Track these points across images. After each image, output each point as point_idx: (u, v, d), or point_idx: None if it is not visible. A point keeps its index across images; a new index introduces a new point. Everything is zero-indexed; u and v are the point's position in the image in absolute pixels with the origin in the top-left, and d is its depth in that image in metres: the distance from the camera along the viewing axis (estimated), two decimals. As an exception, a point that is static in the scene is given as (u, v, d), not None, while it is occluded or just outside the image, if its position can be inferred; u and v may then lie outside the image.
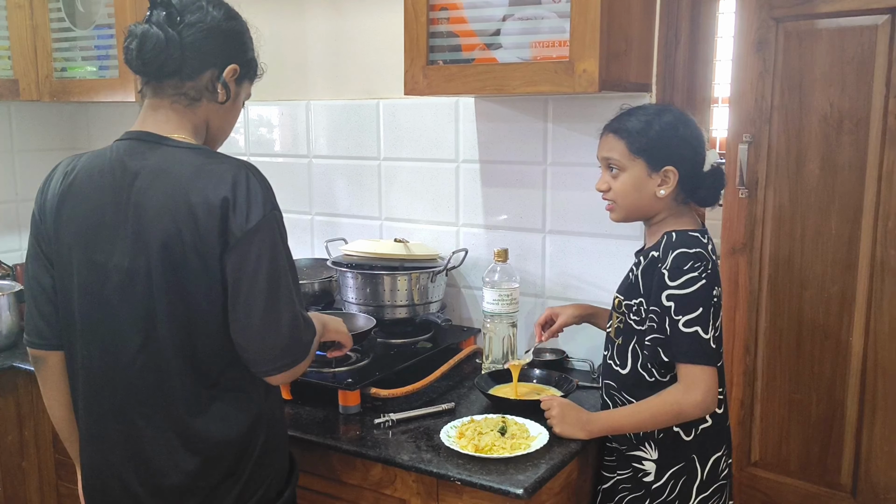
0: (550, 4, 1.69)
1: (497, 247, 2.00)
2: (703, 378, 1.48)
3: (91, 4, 2.39)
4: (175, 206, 1.25)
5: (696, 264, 1.48)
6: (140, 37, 1.31)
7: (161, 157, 1.31)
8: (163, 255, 1.26)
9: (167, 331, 1.29)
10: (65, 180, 1.37)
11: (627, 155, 1.54)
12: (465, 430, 1.61)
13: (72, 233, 1.35)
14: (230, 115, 1.44)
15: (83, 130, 2.94)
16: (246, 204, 1.25)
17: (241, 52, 1.39)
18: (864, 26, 1.84)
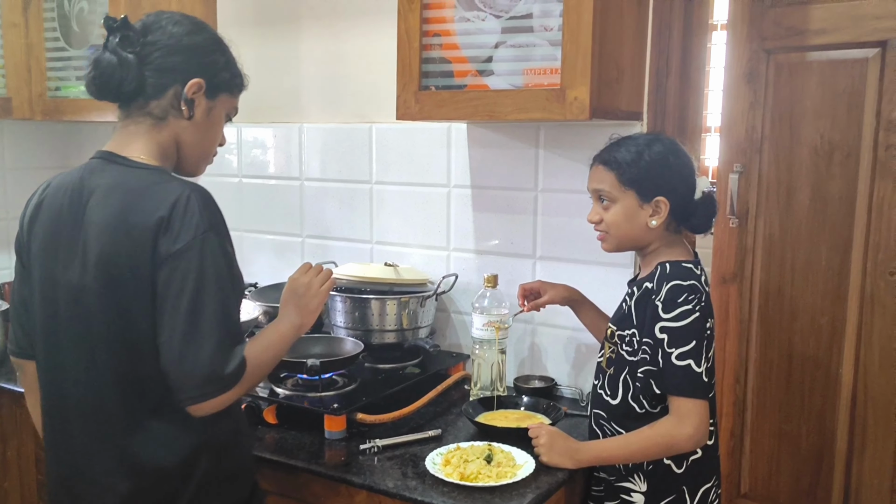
0: (542, 32, 1.70)
1: (487, 272, 1.99)
2: (694, 411, 1.47)
3: (86, 24, 2.39)
4: (115, 224, 1.27)
5: (691, 297, 1.47)
6: (93, 63, 1.35)
7: (114, 176, 1.33)
8: (100, 273, 1.27)
9: (107, 349, 1.30)
10: (39, 197, 1.42)
11: (618, 186, 1.54)
12: (451, 458, 1.59)
13: (37, 247, 1.39)
14: (205, 131, 1.42)
15: (75, 149, 2.93)
16: (179, 224, 1.24)
17: (205, 66, 1.38)
18: (854, 59, 1.85)
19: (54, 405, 1.40)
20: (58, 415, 1.39)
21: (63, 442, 1.39)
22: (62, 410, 1.37)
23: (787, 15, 1.91)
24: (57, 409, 1.39)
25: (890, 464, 1.90)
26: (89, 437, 1.34)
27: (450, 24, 1.80)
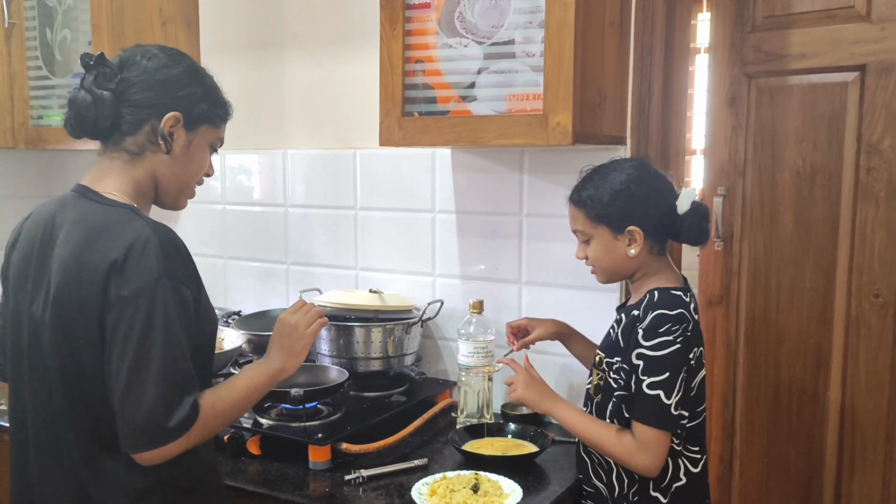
0: (524, 58, 1.70)
1: (473, 298, 1.98)
2: (655, 442, 1.46)
3: (69, 53, 2.39)
4: (71, 262, 1.25)
5: (674, 327, 1.46)
6: (69, 102, 1.34)
7: (80, 212, 1.32)
8: (56, 310, 1.26)
9: (61, 386, 1.29)
10: (19, 227, 1.43)
11: (589, 224, 1.56)
12: (437, 488, 1.57)
13: (11, 276, 1.39)
14: (185, 164, 1.40)
15: (59, 178, 2.92)
16: (133, 269, 1.21)
17: (181, 100, 1.36)
18: (834, 83, 1.87)
19: (16, 435, 1.40)
20: (18, 445, 1.39)
21: (23, 472, 1.38)
22: (22, 441, 1.37)
23: (767, 40, 1.92)
24: (17, 439, 1.39)
25: (879, 487, 1.89)
26: (44, 472, 1.33)
27: (432, 50, 1.80)
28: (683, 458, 1.52)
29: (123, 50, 1.38)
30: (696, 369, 1.50)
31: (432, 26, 1.80)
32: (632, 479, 1.53)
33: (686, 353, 1.46)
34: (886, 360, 1.85)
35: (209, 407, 1.28)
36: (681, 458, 1.52)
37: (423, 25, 1.81)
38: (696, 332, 1.50)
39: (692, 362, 1.48)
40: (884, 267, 1.83)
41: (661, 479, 1.51)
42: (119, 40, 2.29)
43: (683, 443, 1.52)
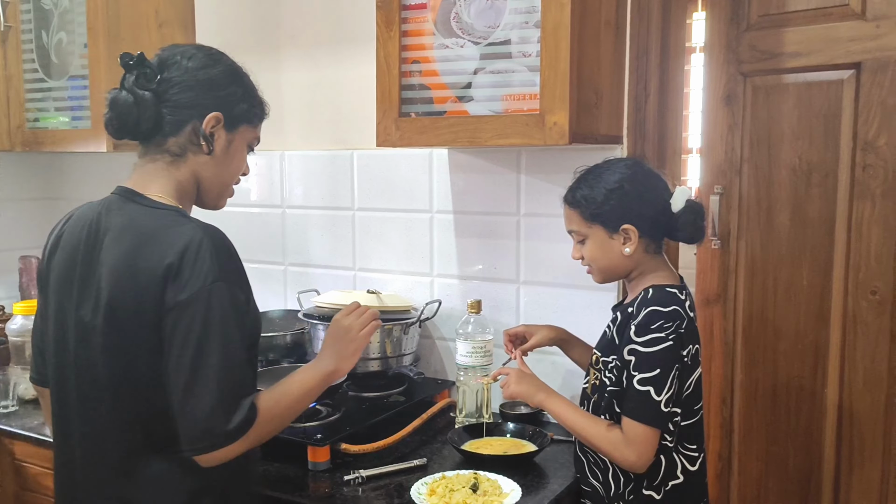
0: (521, 58, 1.71)
1: (471, 298, 1.99)
2: (643, 439, 1.47)
3: (65, 55, 2.39)
4: (124, 267, 1.25)
5: (666, 324, 1.46)
6: (110, 103, 1.33)
7: (128, 216, 1.31)
8: (108, 314, 1.26)
9: (109, 390, 1.28)
10: (60, 230, 1.40)
11: (584, 224, 1.57)
12: (437, 487, 1.57)
13: (53, 280, 1.37)
14: (226, 164, 1.40)
15: (56, 181, 2.92)
16: (188, 273, 1.21)
17: (222, 100, 1.36)
18: (830, 81, 1.87)
19: (60, 438, 1.39)
20: (62, 448, 1.38)
21: (68, 475, 1.37)
22: (66, 444, 1.37)
23: (762, 38, 1.93)
24: (63, 444, 1.38)
25: (877, 483, 1.89)
26: (90, 475, 1.32)
27: (429, 50, 1.80)
28: (681, 455, 1.53)
29: (162, 49, 1.37)
30: (692, 367, 1.51)
31: (429, 27, 1.80)
32: (627, 478, 1.53)
33: (678, 350, 1.47)
34: (884, 357, 1.86)
35: (266, 409, 1.28)
36: (678, 456, 1.52)
37: (419, 26, 1.81)
38: (691, 329, 1.50)
39: (686, 360, 1.49)
40: (880, 264, 1.84)
41: (655, 476, 1.51)
42: (115, 43, 2.29)
43: (681, 440, 1.52)
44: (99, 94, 2.28)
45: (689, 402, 1.52)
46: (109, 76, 2.28)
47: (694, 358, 1.51)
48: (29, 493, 2.04)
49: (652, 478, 1.51)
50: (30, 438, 1.99)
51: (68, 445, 1.37)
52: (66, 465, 1.38)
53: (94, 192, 2.81)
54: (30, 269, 2.69)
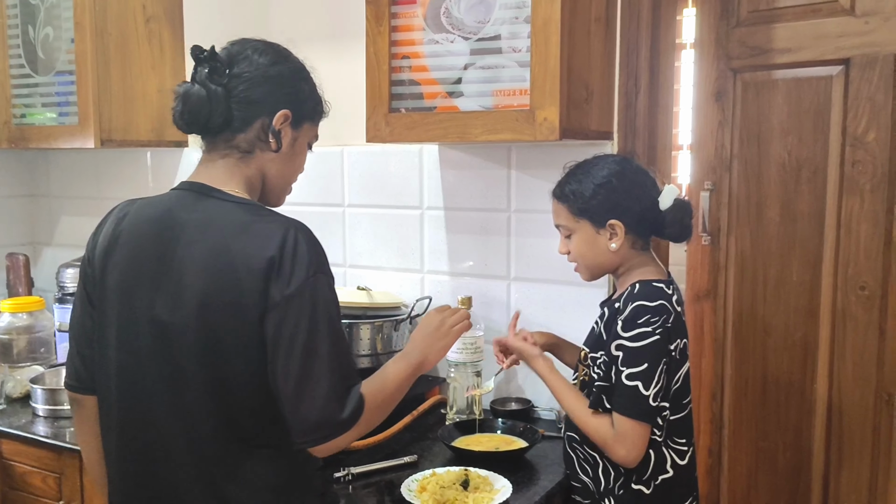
0: (511, 54, 1.70)
1: (461, 294, 1.98)
2: (632, 434, 1.47)
3: (52, 51, 2.37)
4: (217, 264, 1.21)
5: (653, 318, 1.46)
6: (182, 96, 1.30)
7: (208, 211, 1.27)
8: (200, 313, 1.21)
9: (199, 390, 1.23)
10: (117, 226, 1.33)
11: (571, 218, 1.57)
12: (427, 484, 1.56)
13: (115, 280, 1.31)
14: (290, 162, 1.39)
15: (42, 177, 2.90)
16: (290, 266, 1.19)
17: (291, 96, 1.35)
18: (819, 77, 1.88)
19: (135, 443, 1.31)
20: (140, 455, 1.31)
21: (145, 482, 1.31)
22: (146, 450, 1.30)
23: (752, 34, 1.93)
24: (139, 448, 1.31)
25: (867, 478, 1.90)
26: (178, 474, 1.27)
27: (419, 46, 1.80)
28: (670, 450, 1.53)
29: (230, 43, 1.35)
30: (680, 361, 1.51)
31: (418, 22, 1.79)
32: (617, 473, 1.54)
33: (665, 344, 1.47)
34: (872, 353, 1.86)
35: (371, 397, 1.27)
36: (667, 451, 1.53)
37: (409, 21, 1.81)
38: (678, 324, 1.50)
39: (674, 354, 1.49)
40: (869, 259, 1.85)
41: (645, 471, 1.51)
42: (102, 38, 2.28)
43: (670, 435, 1.52)
44: (86, 89, 2.27)
45: (677, 396, 1.52)
46: (96, 71, 2.27)
47: (682, 352, 1.51)
48: (16, 492, 2.02)
49: (641, 472, 1.51)
50: (17, 437, 1.97)
51: (145, 451, 1.30)
52: (142, 474, 1.31)
53: (81, 189, 2.81)
54: (17, 266, 2.67)
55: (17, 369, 2.26)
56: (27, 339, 2.35)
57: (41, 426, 2.00)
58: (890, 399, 1.86)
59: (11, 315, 2.34)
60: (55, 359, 2.39)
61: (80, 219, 2.83)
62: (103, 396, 1.35)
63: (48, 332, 2.40)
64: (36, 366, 2.30)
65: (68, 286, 2.49)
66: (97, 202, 2.77)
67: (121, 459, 1.34)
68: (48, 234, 2.92)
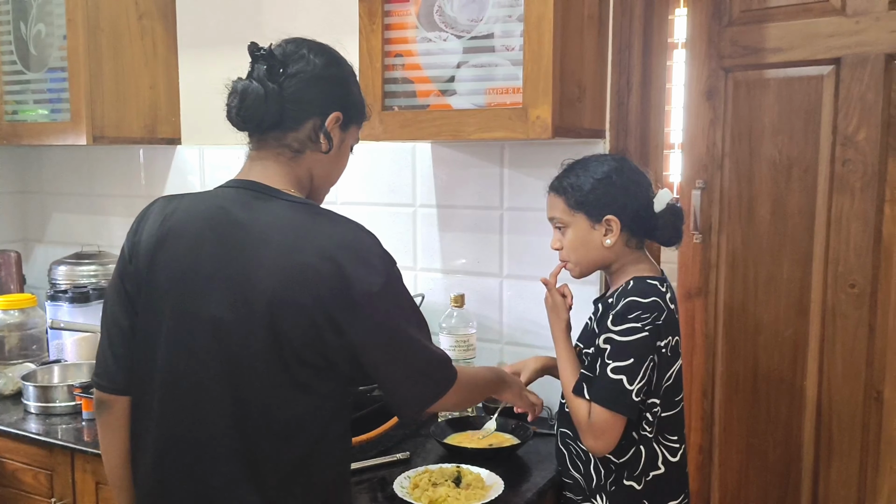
0: (504, 52, 1.71)
1: (454, 292, 1.99)
2: (609, 426, 1.48)
3: (44, 47, 2.36)
4: (289, 265, 1.19)
5: (644, 315, 1.47)
6: (241, 93, 1.29)
7: (271, 212, 1.25)
8: (270, 312, 1.19)
9: (259, 391, 1.22)
10: (164, 223, 1.30)
11: (567, 211, 1.58)
12: (420, 481, 1.57)
13: (166, 278, 1.27)
14: (336, 163, 1.39)
15: (34, 173, 2.89)
16: (366, 266, 1.21)
17: (343, 98, 1.35)
18: (810, 76, 1.89)
19: (178, 446, 1.28)
20: (184, 458, 1.27)
21: (188, 486, 1.27)
22: (190, 453, 1.26)
23: (743, 34, 1.94)
24: (183, 451, 1.27)
25: (856, 474, 1.92)
26: (225, 481, 1.24)
27: (412, 44, 1.80)
28: (661, 446, 1.54)
29: (285, 42, 1.34)
30: (672, 358, 1.52)
31: (412, 20, 1.80)
32: (608, 469, 1.54)
33: (654, 341, 1.47)
34: (862, 350, 1.88)
35: (462, 375, 1.36)
36: (659, 447, 1.53)
37: (402, 19, 1.81)
38: (671, 321, 1.51)
39: (664, 351, 1.49)
40: (859, 257, 1.86)
41: (635, 467, 1.52)
42: (95, 35, 2.27)
43: (662, 431, 1.53)
44: (78, 86, 2.27)
45: (669, 393, 1.53)
46: (88, 68, 2.26)
47: (674, 349, 1.52)
48: (7, 489, 2.02)
49: (633, 468, 1.52)
50: (9, 434, 1.96)
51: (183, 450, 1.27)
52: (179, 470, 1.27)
53: (73, 186, 2.80)
54: (8, 263, 2.67)
55: (9, 366, 2.26)
56: (19, 336, 2.34)
57: (32, 423, 2.00)
58: (879, 396, 1.88)
59: (3, 312, 2.33)
60: (47, 356, 2.38)
61: (72, 216, 2.82)
62: (141, 396, 1.32)
63: (40, 330, 2.39)
64: (27, 363, 2.29)
65: (60, 283, 2.49)
66: (89, 199, 2.77)
67: (159, 464, 1.30)
68: (40, 231, 2.91)
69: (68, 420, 2.01)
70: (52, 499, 1.92)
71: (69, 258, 2.56)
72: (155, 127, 2.45)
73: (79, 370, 2.23)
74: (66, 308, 2.34)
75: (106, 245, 2.68)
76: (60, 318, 2.34)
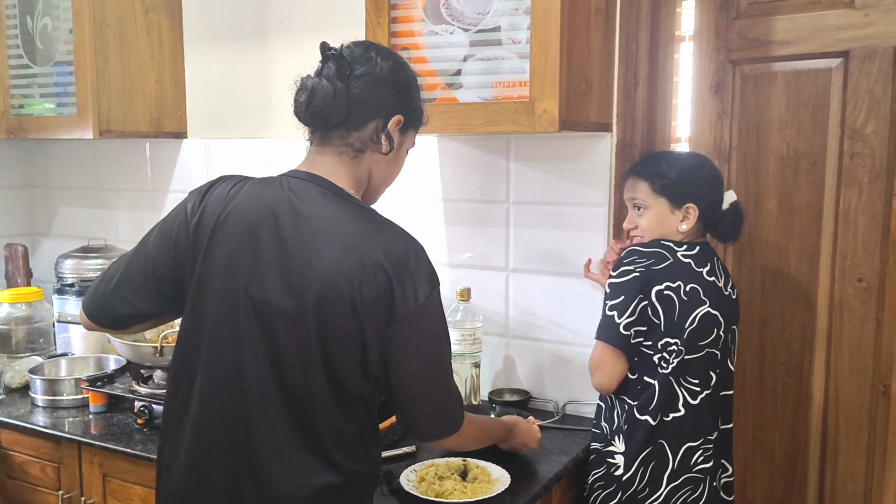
0: (511, 45, 1.70)
1: (460, 286, 1.99)
2: (603, 358, 1.65)
3: (50, 41, 2.36)
4: (344, 261, 1.23)
5: (639, 259, 1.62)
6: (311, 90, 1.32)
7: (333, 209, 1.29)
8: (317, 304, 1.23)
9: (300, 376, 1.25)
10: (228, 200, 1.34)
11: (651, 195, 1.69)
12: (426, 474, 1.57)
13: (222, 254, 1.31)
14: (393, 165, 1.42)
15: (41, 167, 2.89)
16: (415, 280, 1.25)
17: (406, 102, 1.38)
18: (818, 69, 1.88)
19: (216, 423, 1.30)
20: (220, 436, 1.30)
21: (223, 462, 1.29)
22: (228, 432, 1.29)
23: (751, 27, 1.93)
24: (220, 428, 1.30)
25: (862, 469, 1.91)
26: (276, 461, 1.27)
27: (418, 37, 1.80)
28: (683, 388, 1.62)
29: (354, 44, 1.37)
30: (692, 304, 1.61)
31: (418, 13, 1.79)
32: (622, 408, 1.65)
33: (647, 281, 1.60)
34: (869, 344, 1.87)
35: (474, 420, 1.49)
36: (680, 389, 1.62)
37: (408, 12, 1.80)
38: (680, 269, 1.62)
39: (669, 293, 1.60)
40: (867, 251, 1.85)
41: (648, 402, 1.62)
42: (101, 28, 2.27)
43: (684, 374, 1.62)
44: (84, 80, 2.27)
45: (693, 337, 1.61)
46: (95, 62, 2.26)
47: (690, 295, 1.61)
48: (14, 481, 2.03)
49: (646, 403, 1.62)
50: (16, 427, 1.98)
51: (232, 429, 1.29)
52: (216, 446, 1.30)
53: (79, 180, 2.81)
54: (15, 256, 2.67)
55: (16, 359, 2.27)
56: (26, 329, 2.35)
57: (40, 416, 2.01)
58: (886, 390, 1.87)
59: (10, 306, 2.34)
60: (54, 349, 2.39)
61: (78, 209, 2.83)
62: (187, 371, 1.33)
63: (47, 323, 2.40)
64: (35, 356, 2.30)
65: (67, 277, 2.49)
66: (96, 193, 2.77)
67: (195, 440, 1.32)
68: (47, 225, 2.91)
69: (75, 413, 2.02)
70: (60, 491, 1.93)
71: (76, 252, 2.57)
72: (161, 121, 2.45)
73: (86, 363, 2.24)
74: (72, 301, 2.34)
75: (112, 238, 2.69)
76: (67, 311, 2.35)
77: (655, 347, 1.62)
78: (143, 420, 1.90)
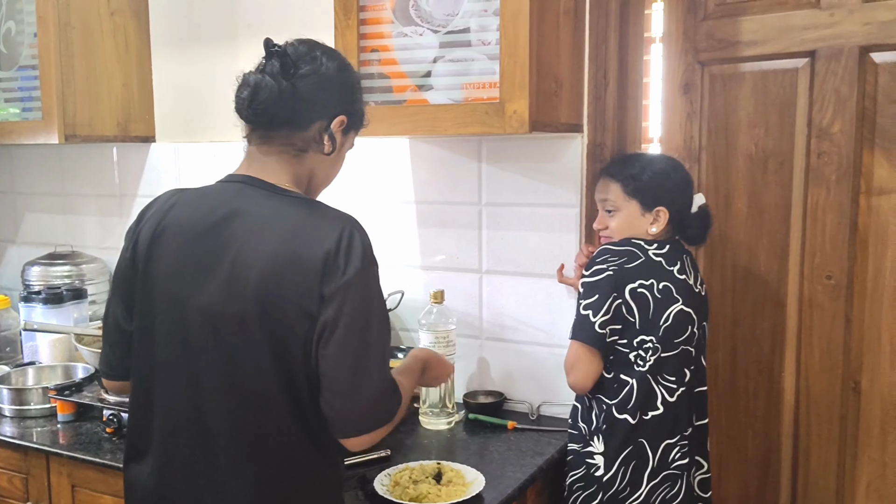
0: (480, 46, 1.70)
1: (433, 288, 1.98)
2: (578, 357, 1.64)
3: (14, 45, 2.32)
4: (280, 256, 1.22)
5: (611, 258, 1.63)
6: (253, 86, 1.30)
7: (271, 206, 1.28)
8: (258, 302, 1.22)
9: (255, 379, 1.24)
10: (163, 217, 1.33)
11: (622, 197, 1.71)
12: (400, 478, 1.56)
13: (162, 268, 1.30)
14: (334, 165, 1.41)
15: (6, 172, 2.84)
16: (344, 259, 1.22)
17: (350, 104, 1.37)
18: (785, 69, 1.90)
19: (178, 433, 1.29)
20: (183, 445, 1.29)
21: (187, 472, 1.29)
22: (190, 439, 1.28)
23: (719, 27, 1.94)
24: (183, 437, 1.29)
25: (834, 465, 1.93)
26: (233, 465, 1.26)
27: (387, 39, 1.79)
28: (661, 386, 1.63)
29: (298, 42, 1.35)
30: (666, 301, 1.62)
31: (387, 15, 1.78)
32: (600, 408, 1.65)
33: (621, 280, 1.61)
34: (839, 341, 1.89)
35: (403, 392, 1.32)
36: (657, 387, 1.63)
37: (377, 14, 1.79)
38: (652, 266, 1.64)
39: (643, 291, 1.61)
40: (835, 249, 1.87)
41: (626, 401, 1.62)
42: (66, 32, 2.24)
43: (661, 371, 1.62)
44: (49, 84, 2.23)
45: (668, 334, 1.62)
46: (60, 66, 2.23)
47: (663, 292, 1.62)
48: (-18, 494, 1.99)
49: (624, 402, 1.62)
50: (-17, 438, 1.94)
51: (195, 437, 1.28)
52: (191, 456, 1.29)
53: (45, 185, 2.76)
54: (-20, 264, 2.63)
55: (-18, 369, 2.22)
56: (-8, 338, 2.31)
57: (7, 426, 1.97)
58: (856, 386, 1.89)
59: (-23, 313, 2.30)
60: (21, 358, 2.35)
61: (45, 215, 2.78)
62: (145, 386, 1.33)
63: (13, 332, 2.36)
64: (1, 365, 2.26)
65: (33, 284, 2.45)
66: (62, 198, 2.73)
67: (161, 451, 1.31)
68: (12, 232, 2.86)
69: (43, 423, 1.99)
70: (28, 502, 1.90)
71: (42, 259, 2.53)
72: (128, 125, 2.42)
73: (53, 372, 2.20)
74: (39, 309, 2.31)
75: (79, 245, 2.65)
76: (34, 319, 2.31)
77: (631, 345, 1.63)
78: (112, 429, 1.87)
